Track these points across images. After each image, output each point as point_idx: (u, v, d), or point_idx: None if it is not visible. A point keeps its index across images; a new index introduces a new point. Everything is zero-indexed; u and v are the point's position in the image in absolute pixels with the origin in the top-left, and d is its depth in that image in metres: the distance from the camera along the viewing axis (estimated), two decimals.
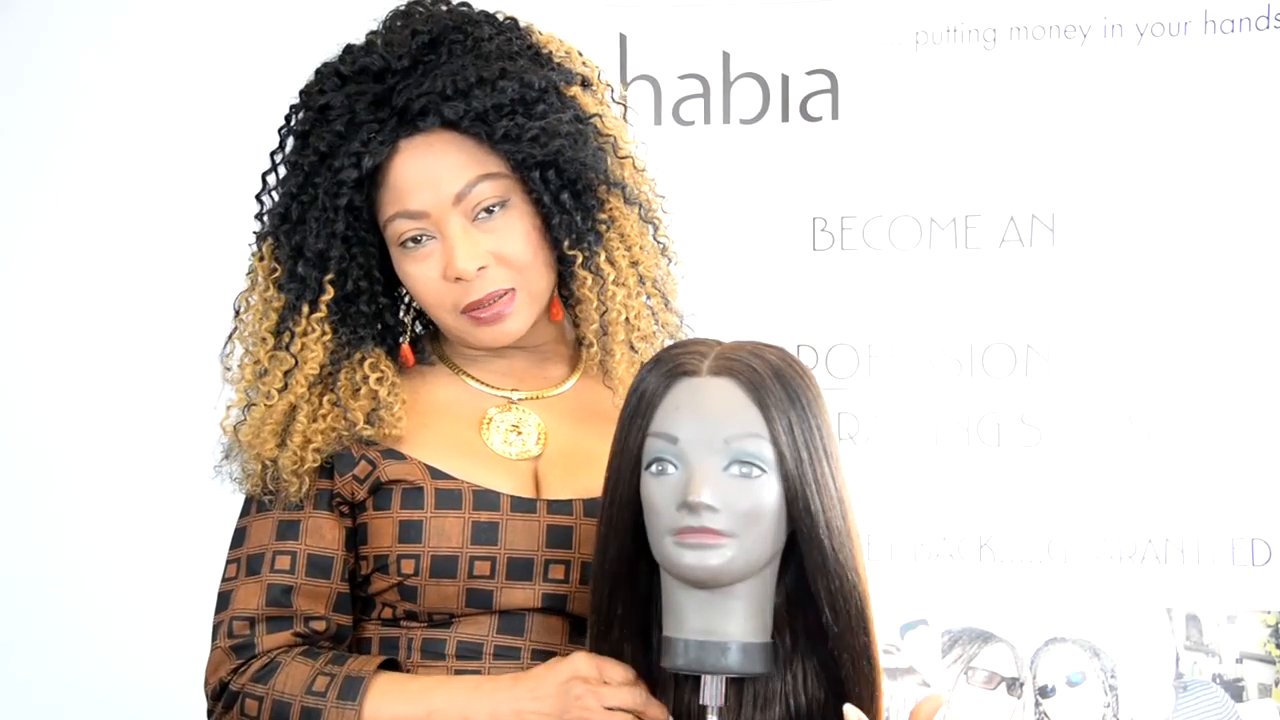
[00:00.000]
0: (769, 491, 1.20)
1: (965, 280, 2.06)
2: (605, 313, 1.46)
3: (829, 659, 1.24)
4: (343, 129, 1.38)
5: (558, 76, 1.44)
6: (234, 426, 1.43)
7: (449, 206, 1.38)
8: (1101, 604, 2.01)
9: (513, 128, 1.39)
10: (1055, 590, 2.01)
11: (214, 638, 1.41)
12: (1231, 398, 2.00)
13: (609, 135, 1.47)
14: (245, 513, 1.45)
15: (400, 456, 1.41)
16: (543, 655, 1.40)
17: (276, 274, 1.42)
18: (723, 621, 1.21)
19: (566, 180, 1.43)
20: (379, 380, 1.42)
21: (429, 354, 1.49)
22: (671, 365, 1.23)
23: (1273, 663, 1.98)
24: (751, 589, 1.22)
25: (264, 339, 1.42)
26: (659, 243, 1.51)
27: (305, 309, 1.41)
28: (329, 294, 1.41)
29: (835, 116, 2.10)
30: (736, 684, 1.25)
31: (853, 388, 2.07)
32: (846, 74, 2.10)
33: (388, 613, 1.41)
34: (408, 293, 1.47)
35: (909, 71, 2.08)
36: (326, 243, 1.39)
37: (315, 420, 1.41)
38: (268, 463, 1.40)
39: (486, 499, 1.40)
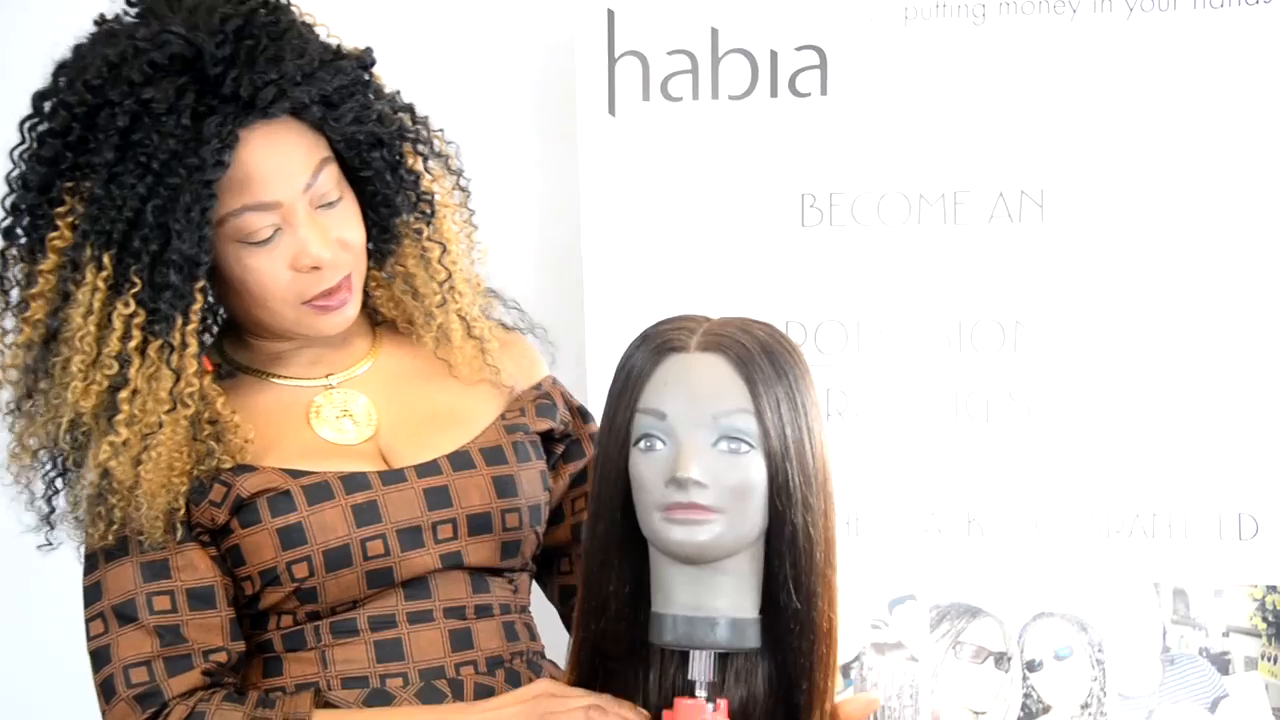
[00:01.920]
0: (757, 467, 1.20)
1: (954, 256, 2.06)
2: (445, 281, 1.47)
3: (782, 638, 1.24)
4: (189, 123, 1.31)
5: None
6: (132, 462, 1.33)
7: (300, 195, 1.36)
8: (1089, 579, 2.01)
9: (360, 109, 1.39)
10: (1043, 565, 2.02)
11: (106, 696, 1.35)
12: (1220, 373, 2.00)
13: (410, 105, 1.47)
14: (92, 568, 1.38)
15: (251, 469, 1.38)
16: (455, 612, 1.41)
17: (136, 288, 1.32)
18: (711, 597, 1.22)
19: (398, 155, 1.43)
20: (223, 404, 1.38)
21: (223, 367, 1.45)
22: (659, 341, 1.23)
23: (1259, 636, 1.99)
24: (740, 564, 1.22)
25: (129, 359, 1.33)
26: (469, 209, 1.52)
27: (179, 320, 1.34)
28: (199, 303, 1.34)
29: (824, 92, 2.10)
30: (722, 659, 1.25)
31: (841, 364, 2.07)
32: (836, 50, 2.09)
33: (287, 620, 1.39)
34: (213, 295, 1.41)
35: (898, 47, 2.07)
36: (195, 247, 1.32)
37: (179, 451, 1.35)
38: (148, 501, 1.33)
39: (355, 481, 1.39)
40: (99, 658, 1.36)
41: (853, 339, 2.08)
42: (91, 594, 1.38)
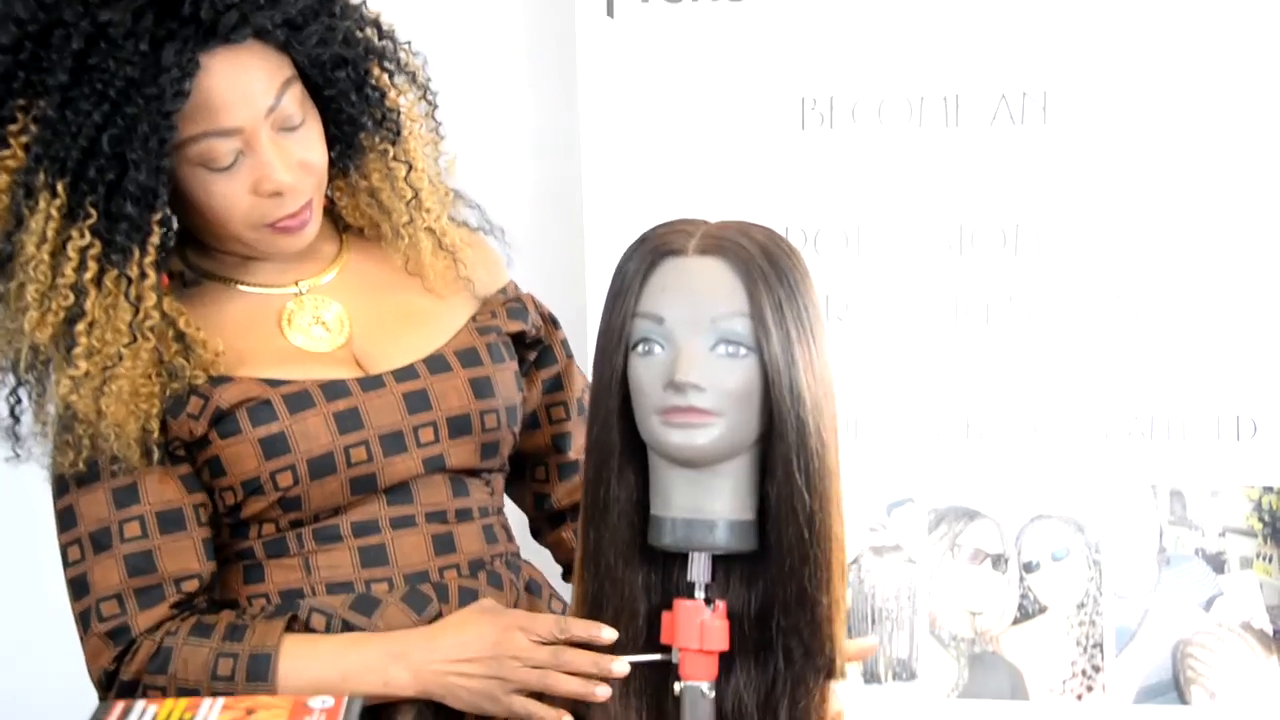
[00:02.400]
0: (756, 371, 1.20)
1: (955, 159, 2.05)
2: (411, 200, 1.45)
3: (786, 541, 1.24)
4: (148, 49, 1.26)
5: None
6: (94, 395, 1.31)
7: (262, 119, 1.32)
8: (1087, 481, 2.02)
9: (324, 31, 1.35)
10: (1041, 467, 2.03)
11: (84, 626, 1.35)
12: (1219, 275, 2.00)
13: (376, 18, 1.43)
14: (63, 491, 1.37)
15: (228, 379, 1.36)
16: (437, 516, 1.42)
17: (91, 219, 1.29)
18: (710, 500, 1.22)
19: (362, 73, 1.40)
20: (186, 322, 1.36)
21: (187, 274, 1.42)
22: (657, 245, 1.22)
23: (1255, 536, 2.01)
24: (738, 467, 1.22)
25: (85, 290, 1.30)
26: (435, 121, 1.49)
27: (136, 253, 1.30)
28: (156, 235, 1.31)
29: None
30: (724, 561, 1.26)
31: (841, 268, 2.06)
32: None
33: (269, 529, 1.39)
34: (173, 212, 1.38)
35: None
36: (153, 178, 1.28)
37: (144, 378, 1.33)
38: (116, 431, 1.31)
39: (335, 389, 1.38)
40: (77, 586, 1.36)
41: (852, 243, 2.07)
42: (66, 519, 1.37)
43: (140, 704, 0.93)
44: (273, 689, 1.30)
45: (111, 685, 1.35)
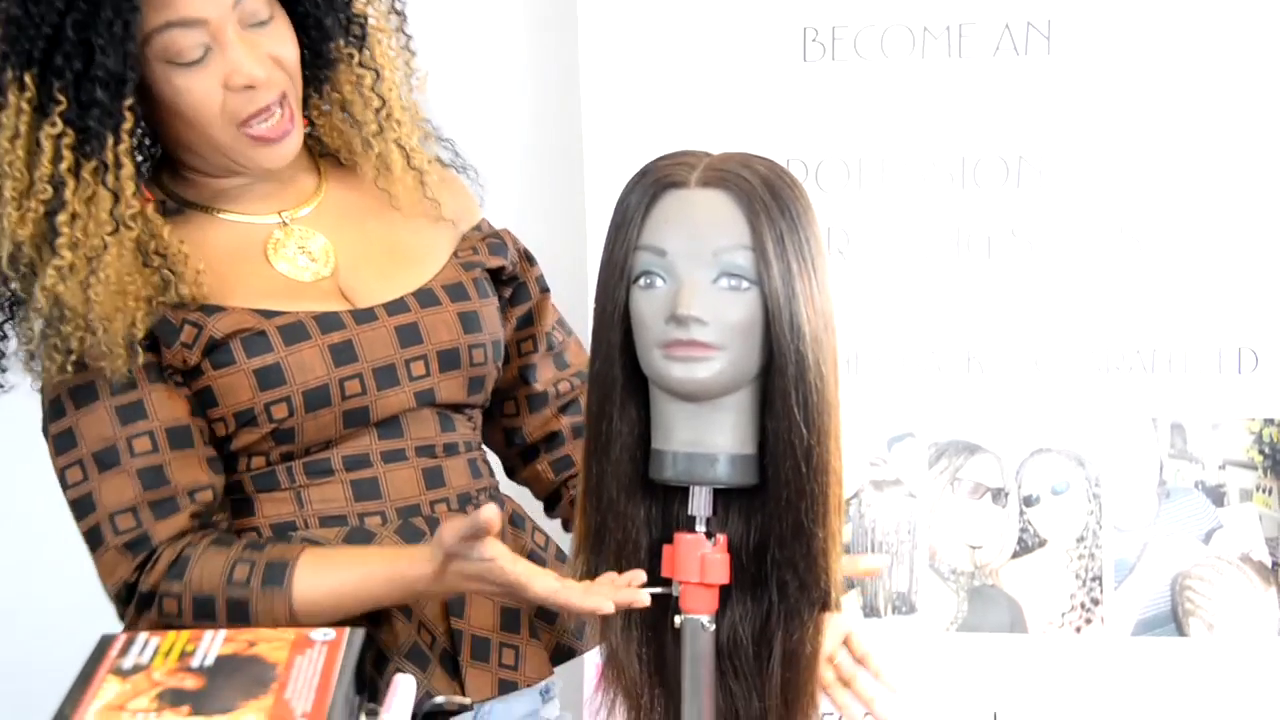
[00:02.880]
0: (758, 304, 1.19)
1: (958, 91, 2.03)
2: (380, 109, 1.43)
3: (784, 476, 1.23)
4: None
5: None
6: (81, 286, 1.29)
7: (229, 11, 1.32)
8: (1087, 414, 2.03)
9: None
10: (1041, 401, 2.03)
11: (94, 543, 1.34)
12: (1221, 208, 1.99)
13: None
14: (59, 415, 1.35)
15: (221, 309, 1.35)
16: (426, 450, 1.42)
17: (62, 107, 1.28)
18: (711, 434, 1.21)
19: None
20: (167, 234, 1.34)
21: (168, 203, 1.41)
22: (659, 177, 1.20)
23: (1255, 469, 2.01)
24: (739, 401, 1.22)
25: (63, 181, 1.29)
26: (406, 35, 1.47)
27: (110, 139, 1.29)
28: (129, 121, 1.30)
29: None
30: (723, 495, 1.26)
31: (843, 201, 2.05)
32: None
33: (258, 462, 1.38)
34: (148, 124, 1.37)
35: None
36: (120, 64, 1.27)
37: (129, 275, 1.30)
38: (104, 325, 1.29)
39: (329, 321, 1.38)
40: (81, 506, 1.35)
41: (854, 175, 2.06)
42: (64, 441, 1.35)
43: (143, 636, 0.93)
44: (288, 595, 1.30)
45: (131, 598, 1.34)
